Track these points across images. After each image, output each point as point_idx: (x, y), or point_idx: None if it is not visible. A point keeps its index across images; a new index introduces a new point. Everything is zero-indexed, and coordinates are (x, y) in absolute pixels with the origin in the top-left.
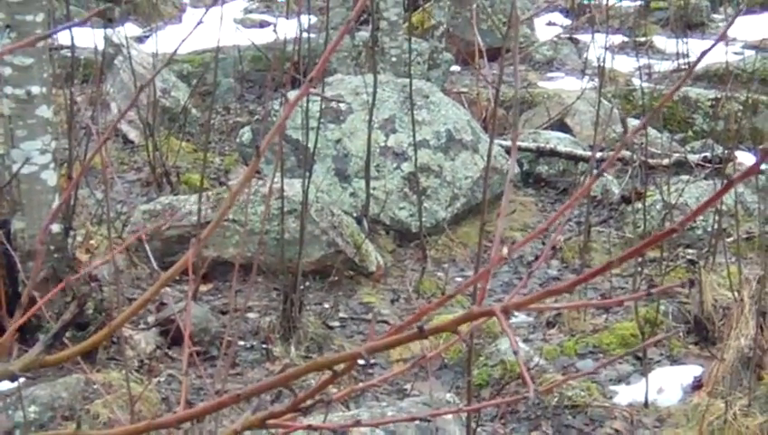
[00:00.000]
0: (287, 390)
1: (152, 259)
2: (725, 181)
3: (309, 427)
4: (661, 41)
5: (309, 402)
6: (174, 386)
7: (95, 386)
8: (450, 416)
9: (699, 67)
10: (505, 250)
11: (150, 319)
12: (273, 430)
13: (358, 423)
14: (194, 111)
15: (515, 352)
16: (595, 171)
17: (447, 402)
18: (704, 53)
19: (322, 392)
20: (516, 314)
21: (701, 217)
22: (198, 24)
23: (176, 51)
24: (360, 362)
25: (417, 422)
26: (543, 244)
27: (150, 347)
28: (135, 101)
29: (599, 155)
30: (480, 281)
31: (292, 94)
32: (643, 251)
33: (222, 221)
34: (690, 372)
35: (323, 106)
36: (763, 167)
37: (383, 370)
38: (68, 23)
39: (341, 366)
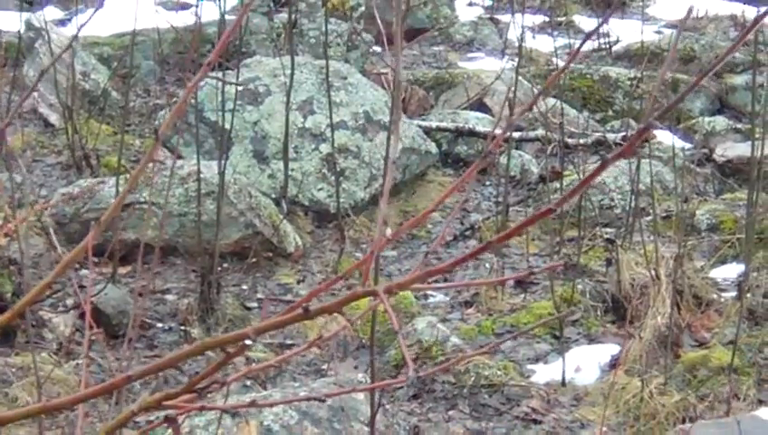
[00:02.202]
0: (178, 371)
1: (55, 241)
2: (601, 161)
3: (202, 408)
4: (581, 20)
5: (204, 384)
6: (93, 368)
7: (13, 369)
8: (363, 396)
9: (620, 46)
10: (388, 231)
11: (69, 302)
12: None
13: (252, 404)
14: (114, 93)
15: (396, 332)
16: (514, 150)
17: (359, 382)
18: (588, 36)
19: (220, 373)
20: (434, 293)
21: (619, 196)
22: (99, 7)
23: (79, 30)
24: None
25: (329, 403)
26: (462, 223)
27: (69, 330)
28: (37, 86)
29: (516, 135)
30: (366, 263)
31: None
32: (519, 232)
33: (141, 204)
34: (607, 350)
35: (240, 88)
36: (684, 145)
37: None
38: None
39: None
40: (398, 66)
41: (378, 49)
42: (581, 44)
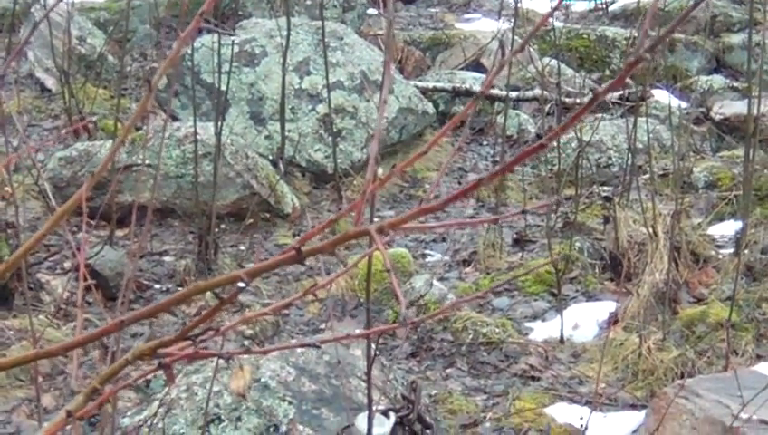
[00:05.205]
0: (172, 315)
1: (53, 202)
2: (592, 99)
3: (196, 354)
4: None
5: (199, 331)
6: (91, 330)
7: (11, 332)
8: (360, 352)
9: (616, 6)
10: (380, 171)
11: (67, 264)
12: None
13: (247, 351)
14: (110, 57)
15: (388, 270)
16: (509, 109)
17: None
18: None
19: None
20: (432, 253)
21: (617, 154)
22: None
23: None
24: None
25: (326, 359)
26: (459, 183)
27: (66, 292)
28: (29, 39)
29: (513, 94)
30: (358, 205)
31: (206, 39)
32: (512, 168)
33: (138, 166)
34: (605, 307)
35: (237, 49)
36: (681, 104)
37: (299, 309)
38: None
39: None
40: (390, 7)
41: (373, 11)
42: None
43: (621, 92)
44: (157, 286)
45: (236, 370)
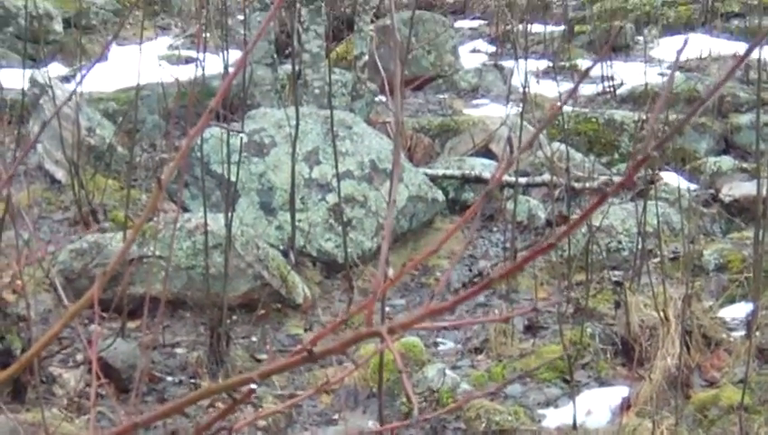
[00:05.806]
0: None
1: (63, 295)
2: (602, 193)
3: None
4: (585, 64)
5: (212, 431)
6: (104, 423)
7: (24, 425)
8: None
9: (624, 89)
10: (390, 272)
11: (79, 357)
12: None
13: None
14: (120, 148)
15: (400, 372)
16: (517, 195)
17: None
18: (586, 72)
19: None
20: (444, 341)
21: (627, 239)
22: (99, 60)
23: (82, 79)
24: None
25: None
26: (470, 270)
27: (79, 385)
28: (39, 137)
29: (523, 180)
30: (369, 305)
31: (215, 130)
32: (521, 267)
33: (148, 258)
34: (618, 393)
35: (246, 139)
36: (690, 186)
37: (312, 400)
38: None
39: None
40: (399, 99)
41: (382, 98)
42: (581, 79)
43: None
44: (169, 378)
45: None
